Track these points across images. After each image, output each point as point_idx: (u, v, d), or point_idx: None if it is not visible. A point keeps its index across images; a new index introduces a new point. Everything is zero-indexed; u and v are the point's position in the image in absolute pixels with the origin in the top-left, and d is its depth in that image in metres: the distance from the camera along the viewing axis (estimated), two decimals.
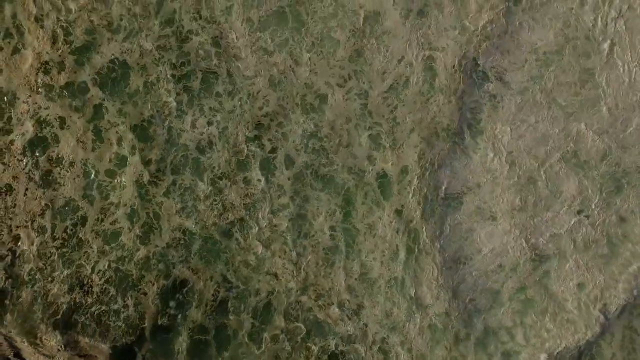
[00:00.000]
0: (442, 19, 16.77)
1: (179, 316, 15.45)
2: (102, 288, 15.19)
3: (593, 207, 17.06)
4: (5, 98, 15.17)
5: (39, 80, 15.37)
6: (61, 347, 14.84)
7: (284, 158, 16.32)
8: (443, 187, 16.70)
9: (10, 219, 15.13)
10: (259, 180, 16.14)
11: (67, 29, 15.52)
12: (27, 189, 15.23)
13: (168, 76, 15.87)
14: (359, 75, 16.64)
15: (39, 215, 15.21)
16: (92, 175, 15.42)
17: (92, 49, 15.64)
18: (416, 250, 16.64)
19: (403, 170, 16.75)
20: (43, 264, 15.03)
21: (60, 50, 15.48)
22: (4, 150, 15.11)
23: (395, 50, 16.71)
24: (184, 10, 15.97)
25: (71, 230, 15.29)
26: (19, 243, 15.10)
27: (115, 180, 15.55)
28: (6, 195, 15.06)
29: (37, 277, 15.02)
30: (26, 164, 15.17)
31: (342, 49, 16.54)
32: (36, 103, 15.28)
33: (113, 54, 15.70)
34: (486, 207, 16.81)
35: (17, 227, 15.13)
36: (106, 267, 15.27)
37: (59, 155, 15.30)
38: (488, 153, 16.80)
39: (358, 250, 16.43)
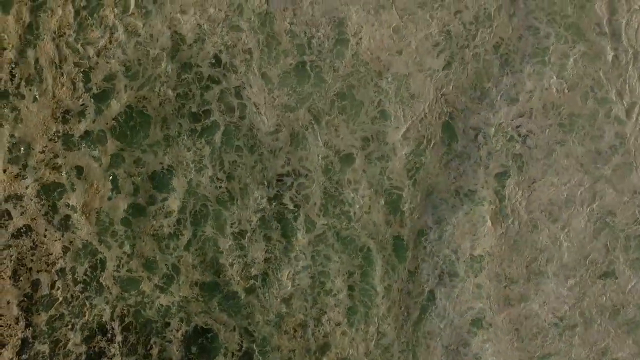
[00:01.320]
0: (464, 79, 16.19)
1: None
2: (124, 337, 15.33)
3: (619, 269, 16.56)
4: (21, 146, 15.11)
5: (57, 129, 15.27)
6: None
7: (304, 219, 16.09)
8: (461, 250, 16.37)
9: (32, 260, 15.25)
10: (279, 241, 16.03)
11: (87, 75, 15.31)
12: (46, 230, 15.32)
13: (188, 129, 15.66)
14: (381, 137, 16.25)
15: (58, 258, 15.31)
16: (107, 224, 15.41)
17: (110, 96, 15.44)
18: (434, 315, 16.44)
19: (420, 232, 16.40)
20: (63, 309, 15.20)
21: (81, 99, 15.31)
22: (20, 194, 15.09)
23: (417, 110, 16.23)
24: (200, 57, 15.61)
25: (91, 273, 15.38)
26: (38, 288, 15.24)
27: (130, 230, 15.52)
28: (25, 236, 15.12)
29: (55, 324, 15.21)
30: (42, 206, 15.17)
31: (364, 110, 16.12)
32: (52, 152, 15.21)
33: (130, 102, 15.48)
34: (504, 273, 16.49)
35: (39, 271, 15.25)
36: (125, 313, 15.41)
37: (75, 203, 15.30)
38: (509, 216, 16.41)
39: (374, 313, 16.26)
